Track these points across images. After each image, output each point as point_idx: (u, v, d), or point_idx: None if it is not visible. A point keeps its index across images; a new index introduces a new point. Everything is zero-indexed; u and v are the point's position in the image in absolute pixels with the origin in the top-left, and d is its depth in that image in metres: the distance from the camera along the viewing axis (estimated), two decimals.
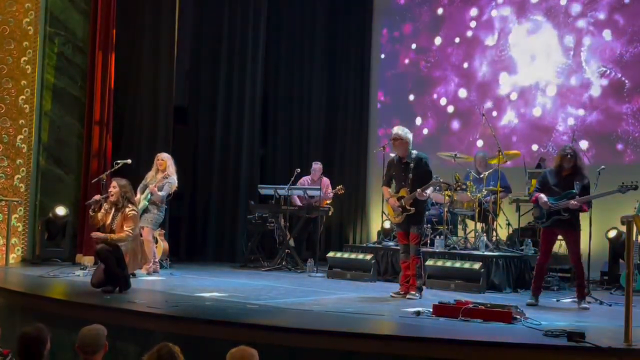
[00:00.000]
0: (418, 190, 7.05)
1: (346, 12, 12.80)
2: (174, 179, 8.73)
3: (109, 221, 7.13)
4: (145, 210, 8.50)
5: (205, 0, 11.78)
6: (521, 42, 10.98)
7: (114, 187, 7.15)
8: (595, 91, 10.21)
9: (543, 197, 6.98)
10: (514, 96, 10.98)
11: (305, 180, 10.68)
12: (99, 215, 7.16)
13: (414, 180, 7.13)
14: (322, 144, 12.68)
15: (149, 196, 8.53)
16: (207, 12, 11.75)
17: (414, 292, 7.16)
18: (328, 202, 10.42)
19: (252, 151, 11.78)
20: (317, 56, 12.76)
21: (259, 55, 11.90)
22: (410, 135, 7.28)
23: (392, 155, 7.58)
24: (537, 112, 10.74)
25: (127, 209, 7.09)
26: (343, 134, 12.69)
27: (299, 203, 10.40)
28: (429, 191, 7.25)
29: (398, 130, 7.26)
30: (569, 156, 6.98)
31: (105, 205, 7.23)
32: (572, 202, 6.86)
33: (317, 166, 10.67)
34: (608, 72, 10.10)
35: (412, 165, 7.19)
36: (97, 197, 7.29)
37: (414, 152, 7.30)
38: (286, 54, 12.72)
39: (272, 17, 12.34)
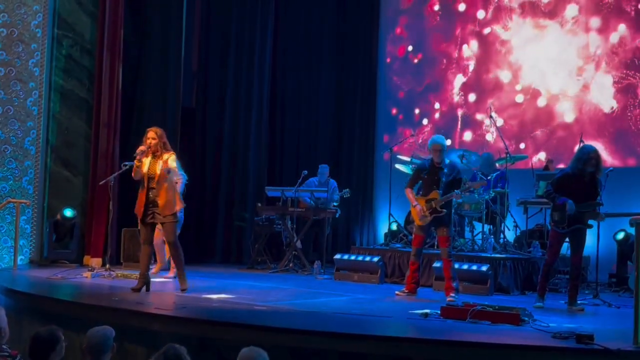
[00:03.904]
0: (456, 191, 7.33)
1: (354, 16, 12.78)
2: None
3: (145, 169, 7.22)
4: None
5: (213, 1, 11.81)
6: (531, 44, 10.93)
7: (153, 139, 7.21)
8: (606, 92, 10.18)
9: (573, 205, 6.70)
10: (519, 98, 10.93)
11: (313, 181, 10.70)
12: (143, 166, 7.22)
13: (447, 184, 7.42)
14: (329, 146, 12.66)
15: None
16: (215, 12, 11.76)
17: (453, 294, 7.24)
18: (335, 204, 10.41)
19: (259, 153, 11.77)
20: (325, 58, 12.74)
21: (267, 57, 11.90)
22: (445, 143, 7.69)
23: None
24: (545, 114, 10.71)
25: (165, 156, 7.22)
26: (350, 136, 12.67)
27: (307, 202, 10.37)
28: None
29: (438, 138, 7.67)
30: (593, 160, 6.74)
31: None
32: (602, 215, 6.84)
33: (325, 170, 10.72)
34: (619, 74, 10.07)
35: (445, 170, 7.47)
36: (143, 147, 7.26)
37: (446, 159, 7.63)
38: (294, 56, 12.71)
39: (280, 19, 12.34)
